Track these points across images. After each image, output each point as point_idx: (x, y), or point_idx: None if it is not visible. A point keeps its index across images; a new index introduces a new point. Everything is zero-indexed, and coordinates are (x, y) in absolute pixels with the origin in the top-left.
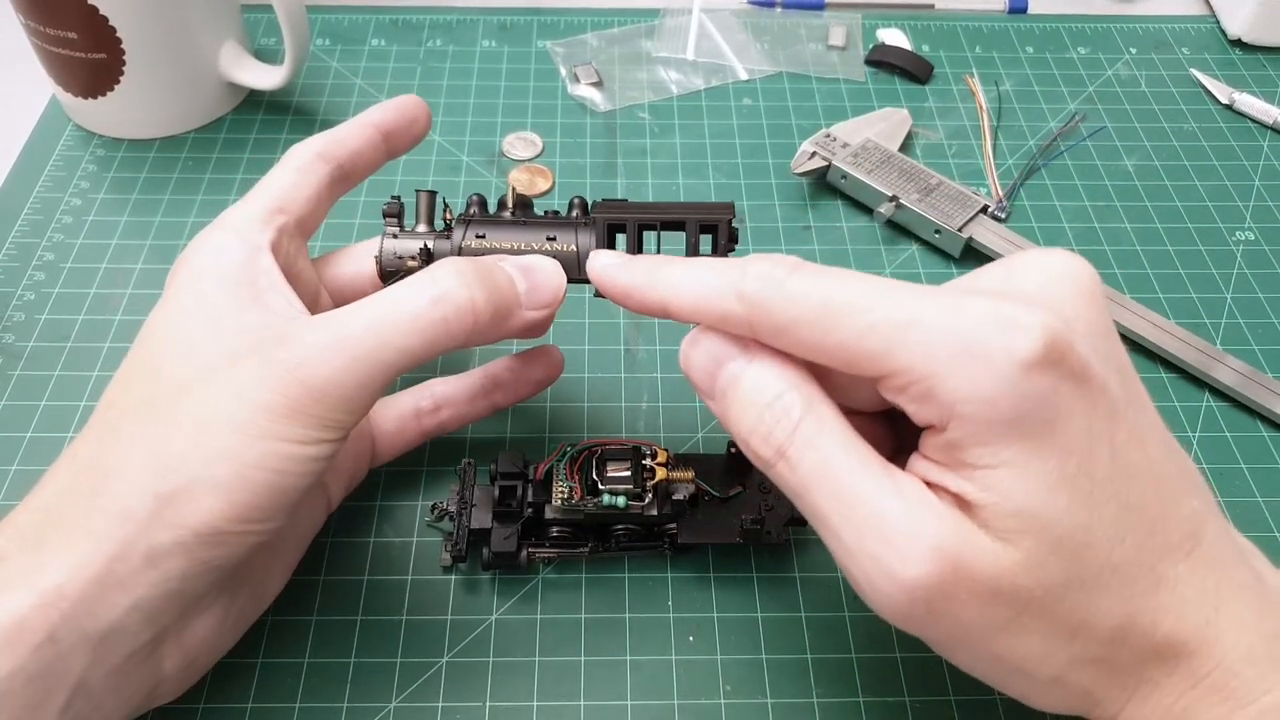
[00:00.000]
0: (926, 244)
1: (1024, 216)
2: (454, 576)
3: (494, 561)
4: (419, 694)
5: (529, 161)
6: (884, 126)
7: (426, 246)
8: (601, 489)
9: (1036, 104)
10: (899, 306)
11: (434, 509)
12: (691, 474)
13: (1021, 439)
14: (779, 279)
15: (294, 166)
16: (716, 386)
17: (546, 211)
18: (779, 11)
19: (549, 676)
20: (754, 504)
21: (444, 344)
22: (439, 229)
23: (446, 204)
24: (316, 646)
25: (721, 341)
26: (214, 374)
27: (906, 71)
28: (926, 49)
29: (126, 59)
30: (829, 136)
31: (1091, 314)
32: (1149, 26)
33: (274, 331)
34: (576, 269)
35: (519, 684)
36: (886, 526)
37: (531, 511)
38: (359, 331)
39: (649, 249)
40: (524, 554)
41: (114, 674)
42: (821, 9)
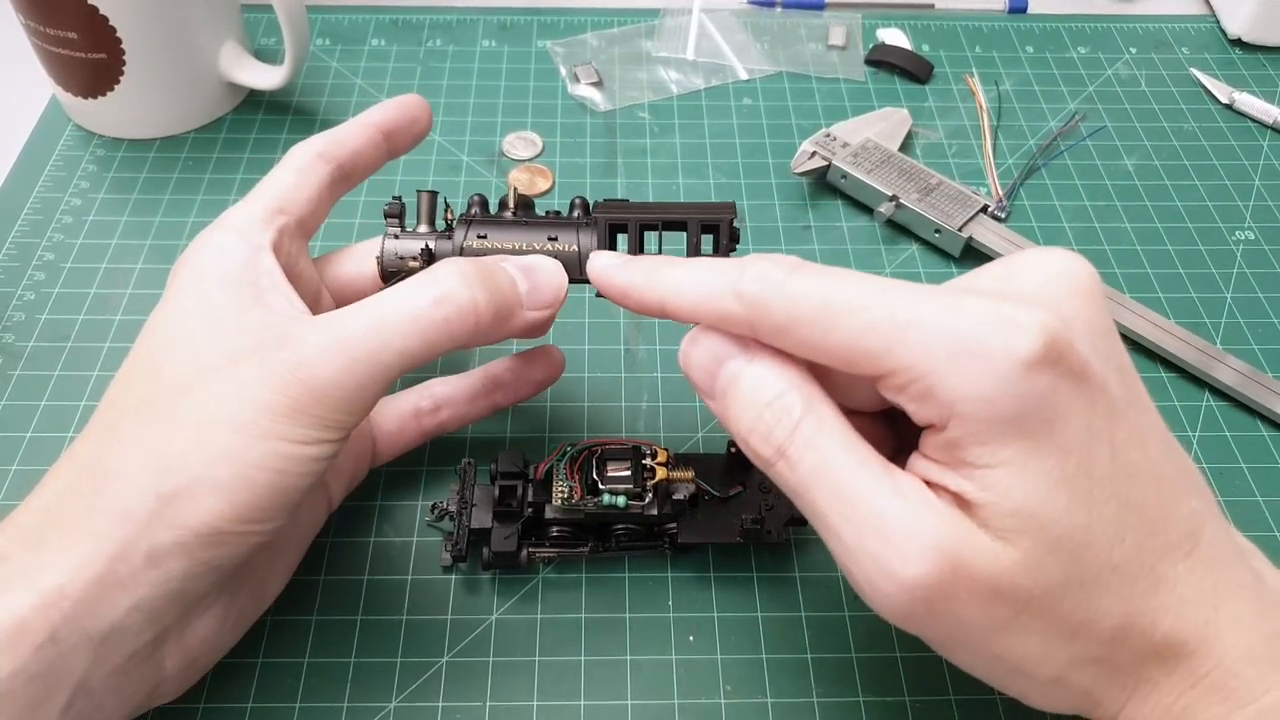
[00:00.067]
0: (926, 244)
1: (1024, 216)
2: (454, 576)
3: (494, 561)
4: (419, 694)
5: (529, 161)
6: (884, 126)
7: (428, 247)
8: (601, 489)
9: (1036, 104)
10: (898, 306)
11: (434, 509)
12: (691, 474)
13: (1021, 438)
14: (779, 279)
15: (295, 166)
16: (716, 386)
17: (548, 212)
18: (779, 11)
19: (549, 676)
20: (754, 504)
21: (445, 344)
22: (440, 229)
23: (448, 204)
24: (316, 646)
25: (721, 341)
26: (215, 374)
27: (906, 71)
28: (926, 49)
29: (126, 59)
30: (829, 136)
31: (1091, 313)
32: (1149, 26)
33: (275, 332)
34: (578, 269)
35: (519, 684)
36: (886, 526)
37: (531, 511)
38: (360, 332)
39: (650, 249)
40: (524, 554)
41: (115, 674)
42: (821, 9)
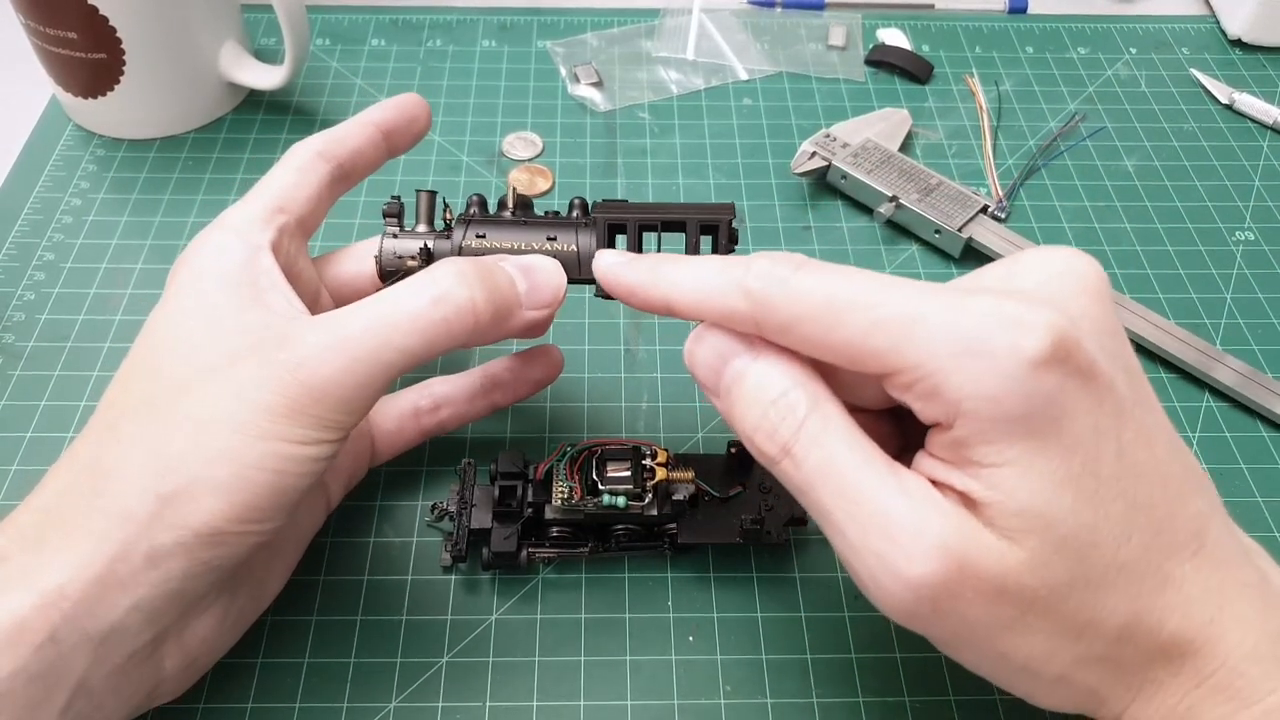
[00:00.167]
0: (926, 244)
1: (1024, 216)
2: (454, 576)
3: (494, 561)
4: (419, 694)
5: (529, 161)
6: (884, 126)
7: (427, 246)
8: (601, 489)
9: (1036, 104)
10: (904, 303)
11: (434, 509)
12: (691, 474)
13: (1027, 437)
14: (783, 276)
15: (294, 166)
16: (721, 383)
17: (547, 211)
18: (779, 11)
19: (549, 676)
20: (754, 504)
21: (444, 344)
22: (439, 229)
23: (446, 204)
24: (316, 646)
25: (726, 338)
26: (214, 374)
27: (906, 71)
28: (926, 49)
29: (126, 59)
30: (829, 136)
31: (1098, 312)
32: (1149, 26)
33: (274, 332)
34: (577, 269)
35: (519, 684)
36: (892, 524)
37: (531, 511)
38: (359, 332)
39: (649, 249)
40: (524, 554)
41: (115, 674)
42: (821, 9)
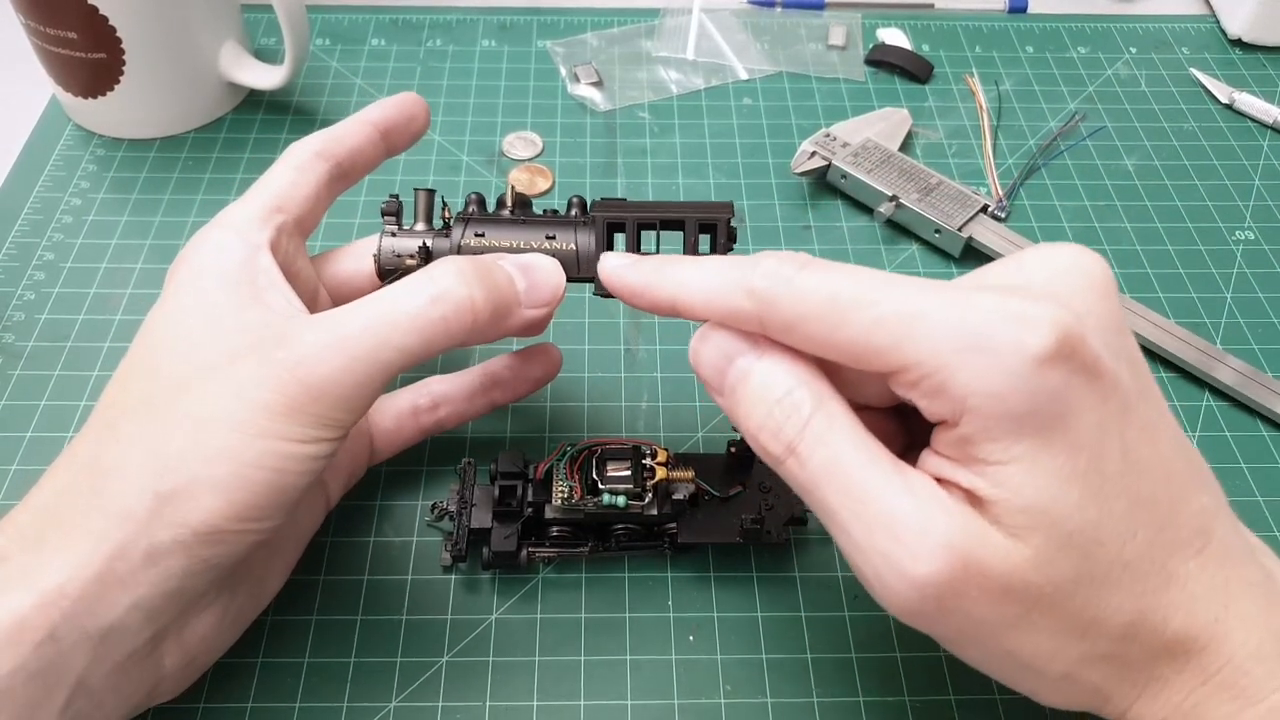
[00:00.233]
0: (926, 244)
1: (1024, 216)
2: (454, 576)
3: (494, 561)
4: (419, 694)
5: (529, 161)
6: (884, 126)
7: (425, 245)
8: (601, 488)
9: (1036, 104)
10: (908, 301)
11: (434, 509)
12: (691, 474)
13: (1033, 434)
14: (788, 275)
15: (293, 165)
16: (726, 382)
17: (545, 210)
18: (779, 11)
19: (549, 676)
20: (754, 504)
21: (443, 343)
22: (438, 228)
23: (445, 203)
24: (316, 646)
25: (731, 338)
26: (213, 373)
27: (906, 71)
28: (926, 49)
29: (126, 59)
30: (829, 136)
31: (1103, 308)
32: (1149, 26)
33: (273, 330)
34: (576, 268)
35: (519, 684)
36: (897, 523)
37: (531, 511)
38: (357, 331)
39: (648, 248)
40: (524, 554)
41: (114, 672)
42: (821, 9)
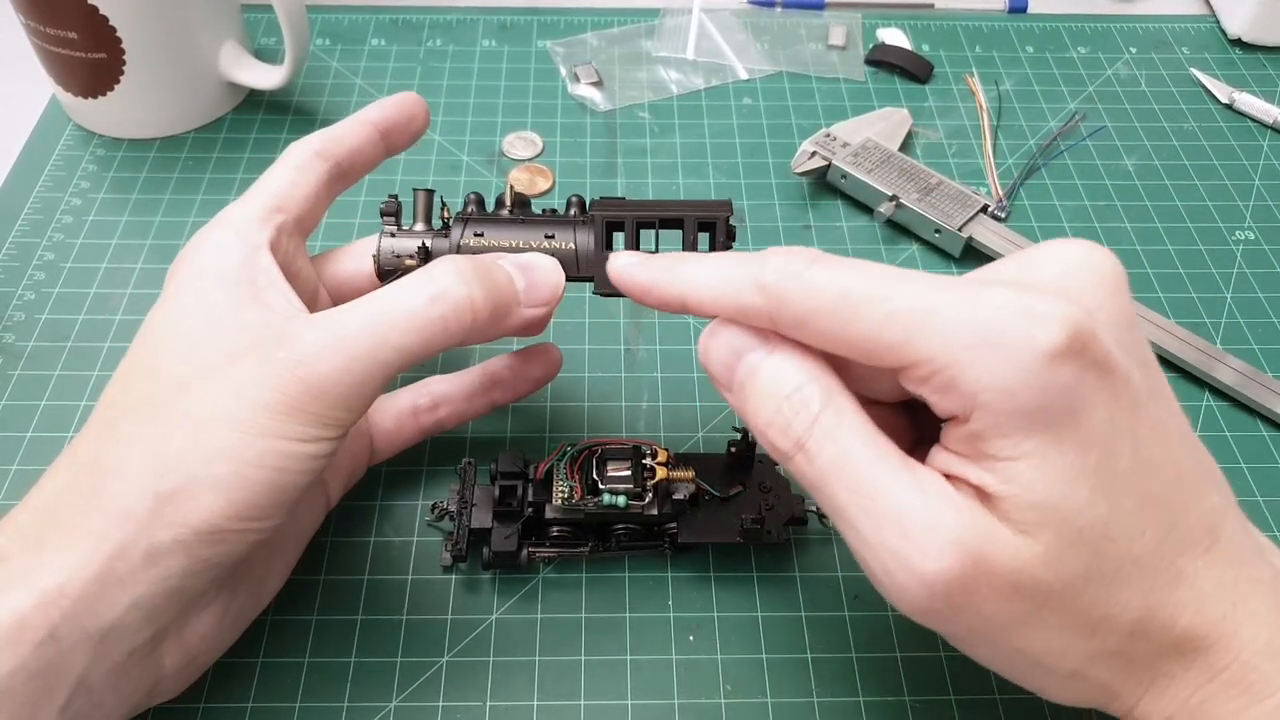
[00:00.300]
0: (926, 243)
1: (1024, 216)
2: (454, 576)
3: (494, 561)
4: (419, 694)
5: (529, 161)
6: (884, 126)
7: (425, 245)
8: (601, 488)
9: (1036, 103)
10: (919, 296)
11: (434, 509)
12: (691, 473)
13: (1043, 430)
14: (798, 270)
15: (292, 164)
16: (735, 378)
17: (544, 210)
18: (779, 11)
19: (549, 676)
20: (754, 503)
21: (442, 342)
22: (437, 228)
23: (444, 202)
24: (316, 646)
25: (741, 333)
26: (213, 372)
27: (906, 71)
28: (926, 49)
29: (126, 59)
30: (829, 136)
31: (1114, 304)
32: (1149, 26)
33: (273, 330)
34: (575, 267)
35: (519, 684)
36: (906, 520)
37: (531, 511)
38: (357, 330)
39: (647, 247)
40: (524, 554)
41: (114, 672)
42: (821, 9)
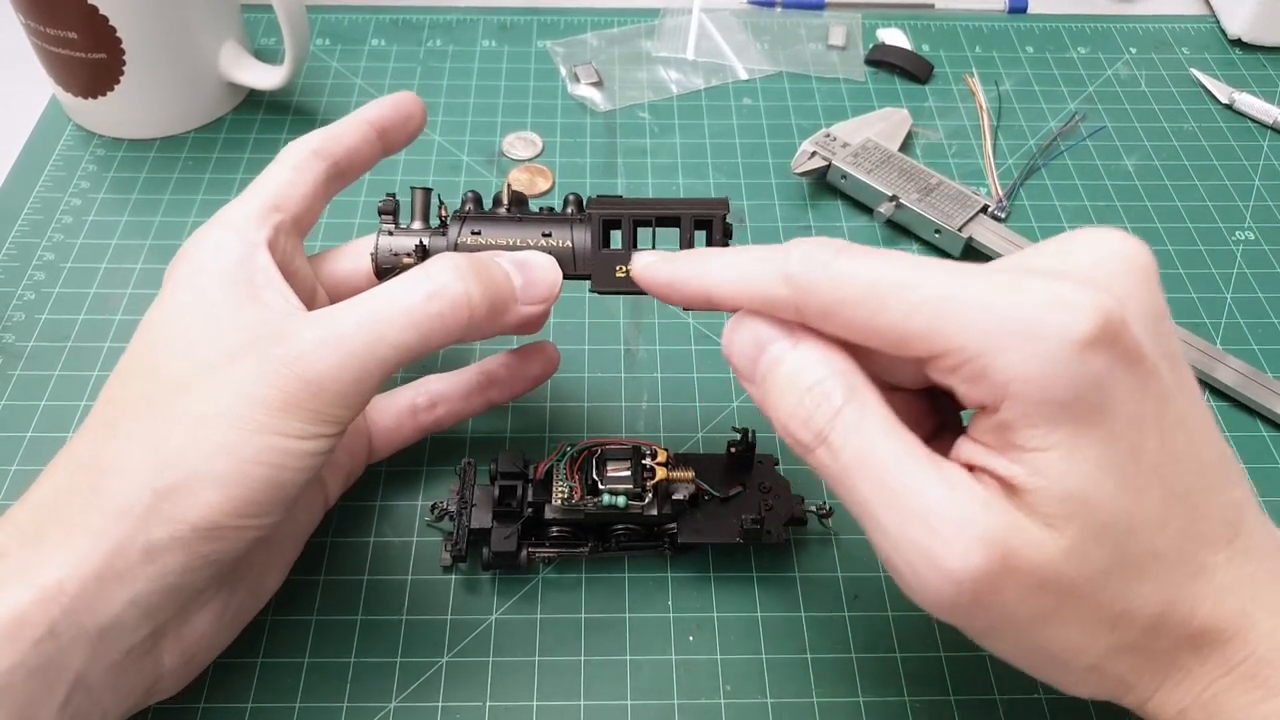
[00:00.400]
0: (927, 244)
1: (1024, 216)
2: (454, 576)
3: (494, 561)
4: (419, 694)
5: (529, 161)
6: (884, 126)
7: (422, 243)
8: (601, 489)
9: (1036, 104)
10: (948, 285)
11: (434, 509)
12: (691, 474)
13: (1073, 421)
14: (825, 260)
15: (290, 164)
16: (758, 370)
17: (541, 208)
18: (779, 11)
19: (549, 676)
20: (754, 504)
21: (439, 339)
22: (434, 226)
23: (442, 201)
24: (316, 646)
25: (765, 325)
26: (212, 370)
27: (906, 71)
28: (926, 49)
29: (126, 59)
30: (829, 136)
31: (1146, 295)
32: (1149, 26)
33: (271, 328)
34: (572, 265)
35: (519, 684)
36: (932, 515)
37: (531, 511)
38: (354, 327)
39: (644, 245)
40: (524, 554)
41: (113, 669)
42: (821, 9)
